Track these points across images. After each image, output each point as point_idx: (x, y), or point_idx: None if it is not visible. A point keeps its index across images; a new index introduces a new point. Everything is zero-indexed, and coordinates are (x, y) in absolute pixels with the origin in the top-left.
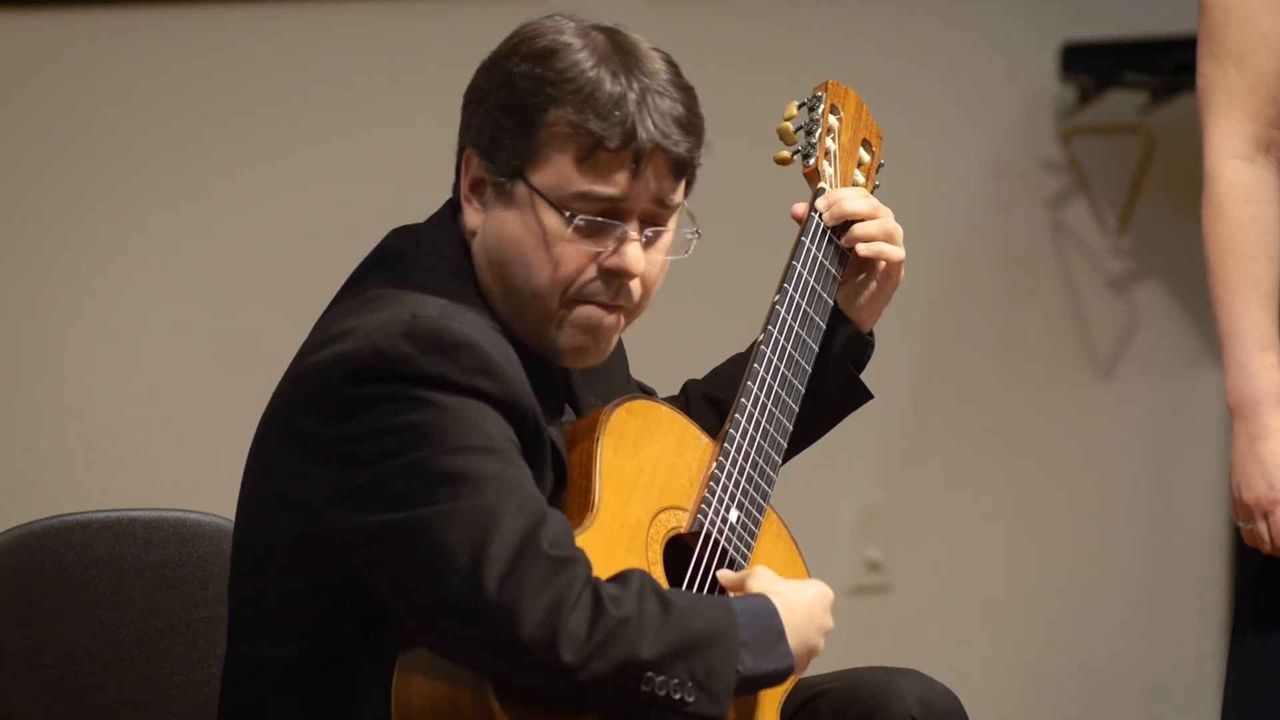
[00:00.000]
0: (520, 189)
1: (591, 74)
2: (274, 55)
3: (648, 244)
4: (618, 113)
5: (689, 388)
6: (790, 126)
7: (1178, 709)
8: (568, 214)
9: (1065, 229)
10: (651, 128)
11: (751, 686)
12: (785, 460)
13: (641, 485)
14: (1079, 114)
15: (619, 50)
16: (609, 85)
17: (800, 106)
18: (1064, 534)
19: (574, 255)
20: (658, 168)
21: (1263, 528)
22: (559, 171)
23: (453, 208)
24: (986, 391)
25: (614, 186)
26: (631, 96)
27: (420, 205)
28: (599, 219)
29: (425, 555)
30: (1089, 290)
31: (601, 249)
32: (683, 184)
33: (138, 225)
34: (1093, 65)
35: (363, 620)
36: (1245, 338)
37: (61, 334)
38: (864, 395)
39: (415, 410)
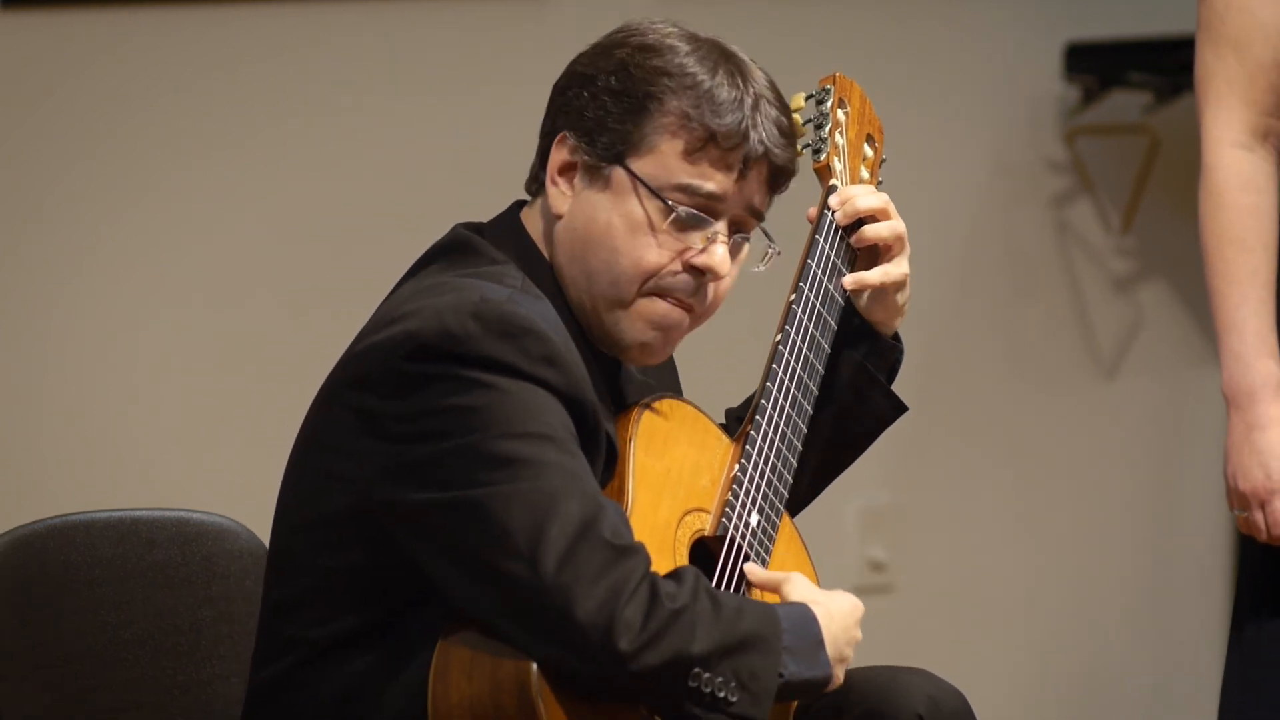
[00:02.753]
0: (619, 174)
1: (709, 73)
2: (274, 55)
3: (732, 250)
4: (736, 113)
5: (727, 416)
6: (799, 119)
7: (1180, 708)
8: (670, 203)
9: (1069, 229)
10: (764, 134)
11: (791, 693)
12: (822, 488)
13: (670, 486)
14: (1082, 114)
15: (728, 58)
16: (727, 86)
17: (808, 99)
18: (1067, 534)
19: (662, 246)
20: (759, 174)
21: (1259, 517)
22: (663, 161)
23: (518, 204)
24: (990, 391)
25: (716, 184)
26: (748, 101)
27: (420, 204)
28: (698, 213)
29: (484, 534)
30: (1092, 290)
31: (689, 245)
32: (772, 196)
33: (138, 225)
34: (1096, 65)
35: (401, 600)
36: (1243, 327)
37: (63, 334)
38: (901, 408)
39: (477, 392)
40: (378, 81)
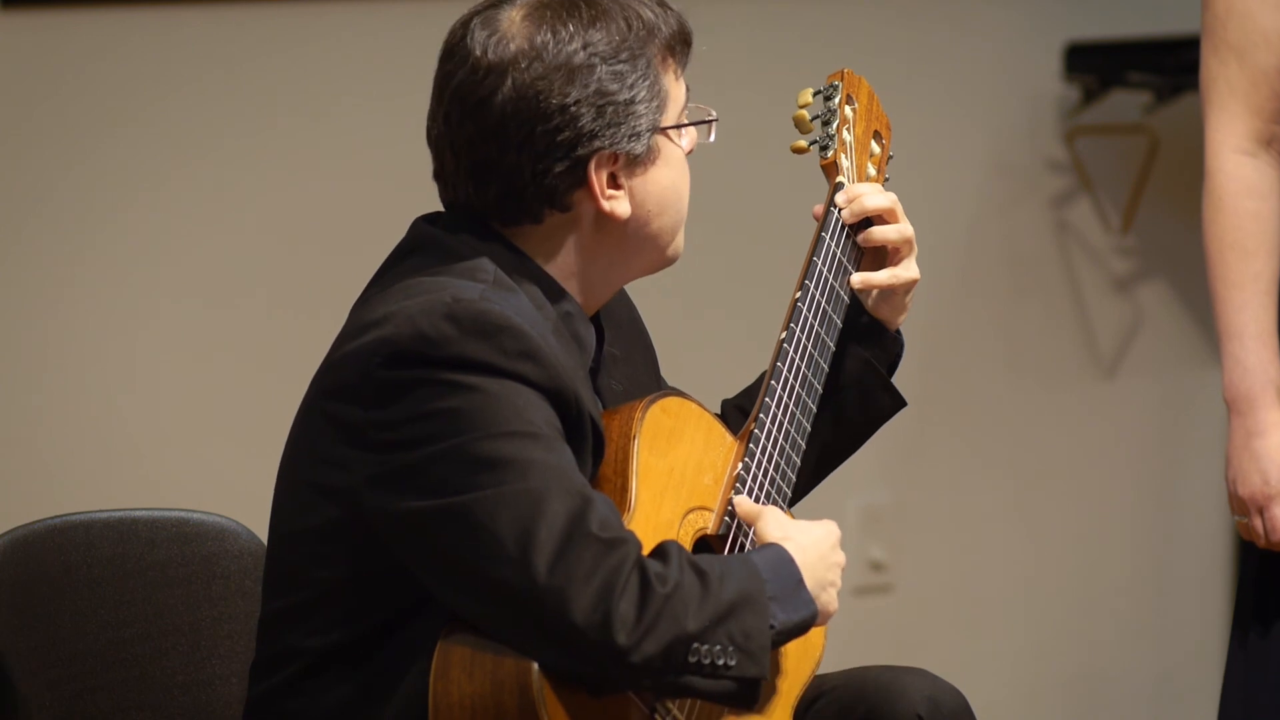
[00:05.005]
0: (656, 139)
1: (622, 6)
2: (274, 55)
3: None
4: (671, 14)
5: (724, 406)
6: (806, 115)
7: (1181, 708)
8: (703, 123)
9: (1069, 229)
10: (682, 14)
11: (784, 639)
12: (817, 482)
13: (673, 485)
14: (1082, 114)
15: None
16: (639, 5)
17: (816, 94)
18: (1067, 533)
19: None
20: None
21: (1257, 522)
22: (673, 97)
23: (476, 219)
24: (990, 391)
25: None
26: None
27: (419, 204)
28: (702, 111)
29: (473, 541)
30: (1092, 290)
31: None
32: None
33: (138, 225)
34: (1096, 65)
35: (399, 607)
36: (1243, 333)
37: (63, 333)
38: (901, 403)
39: (458, 395)
40: (378, 82)
